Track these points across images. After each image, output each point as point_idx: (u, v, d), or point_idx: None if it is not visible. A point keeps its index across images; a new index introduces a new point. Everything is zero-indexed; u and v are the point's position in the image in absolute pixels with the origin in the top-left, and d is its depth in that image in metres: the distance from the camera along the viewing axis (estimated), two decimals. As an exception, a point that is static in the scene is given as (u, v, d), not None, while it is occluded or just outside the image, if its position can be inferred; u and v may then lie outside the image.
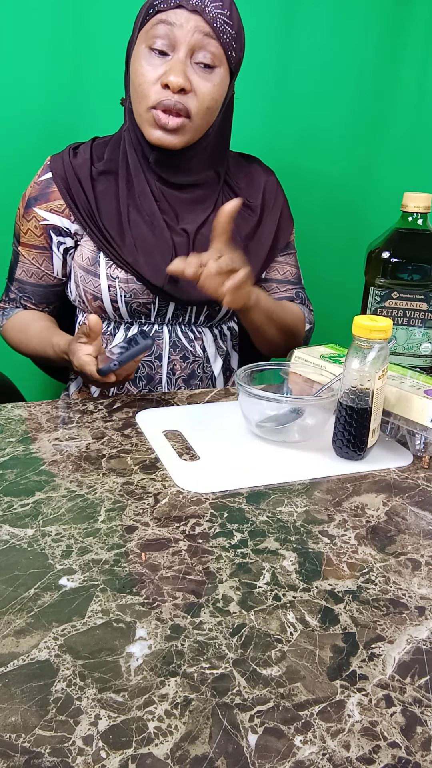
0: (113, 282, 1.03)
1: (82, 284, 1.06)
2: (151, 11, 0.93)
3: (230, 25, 0.94)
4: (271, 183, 1.13)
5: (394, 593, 0.55)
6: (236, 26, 0.95)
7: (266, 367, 0.88)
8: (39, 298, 1.12)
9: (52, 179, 1.05)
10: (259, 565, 0.57)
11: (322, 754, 0.40)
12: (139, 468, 0.73)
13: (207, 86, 0.95)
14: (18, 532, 0.60)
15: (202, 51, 0.93)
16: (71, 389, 1.17)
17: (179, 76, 0.92)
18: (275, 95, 1.40)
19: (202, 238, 1.03)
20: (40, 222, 1.06)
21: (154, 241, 1.01)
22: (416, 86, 1.48)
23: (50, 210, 1.06)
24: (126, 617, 0.50)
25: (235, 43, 0.96)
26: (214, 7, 0.92)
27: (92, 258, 1.04)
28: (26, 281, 1.11)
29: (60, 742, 0.40)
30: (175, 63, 0.92)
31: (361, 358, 0.72)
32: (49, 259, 1.09)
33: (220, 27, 0.93)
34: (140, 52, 0.95)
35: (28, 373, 1.35)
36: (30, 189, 1.08)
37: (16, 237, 1.11)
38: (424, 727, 0.42)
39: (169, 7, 0.91)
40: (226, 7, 0.94)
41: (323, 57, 1.41)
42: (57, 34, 1.28)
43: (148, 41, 0.94)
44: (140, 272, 1.00)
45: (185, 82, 0.92)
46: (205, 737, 0.40)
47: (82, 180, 1.03)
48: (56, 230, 1.06)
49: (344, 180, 1.52)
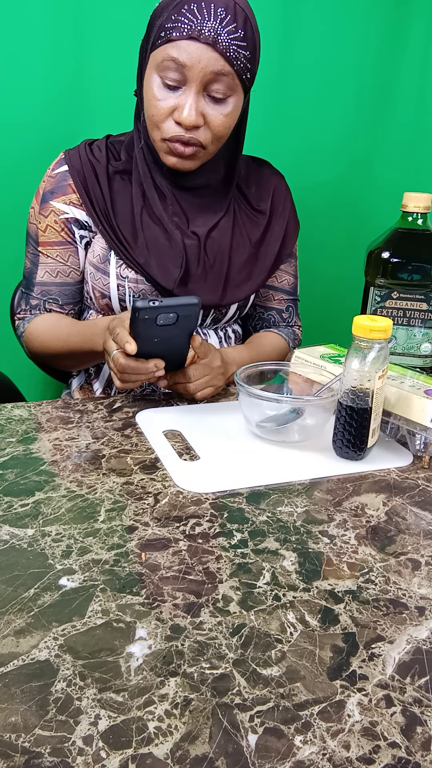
0: (122, 281, 1.02)
1: (91, 281, 1.05)
2: (162, 35, 0.89)
3: (244, 47, 0.90)
4: (281, 187, 1.12)
5: (394, 593, 0.55)
6: (251, 44, 0.91)
7: (266, 367, 0.88)
8: (66, 298, 1.08)
9: (68, 172, 1.03)
10: (259, 565, 0.57)
11: (322, 754, 0.40)
12: (139, 468, 0.73)
13: (219, 118, 0.93)
14: (18, 532, 0.60)
15: (215, 85, 0.91)
16: (73, 385, 1.16)
17: (191, 113, 0.90)
18: (275, 95, 1.40)
19: (213, 242, 1.03)
20: (59, 216, 1.04)
21: (165, 244, 1.01)
22: (416, 86, 1.48)
23: (69, 203, 1.03)
24: (126, 617, 0.50)
25: (250, 64, 0.92)
26: (227, 34, 0.87)
27: (103, 256, 1.03)
28: (50, 282, 1.07)
29: (60, 742, 0.40)
30: (187, 100, 0.90)
31: (361, 358, 0.72)
32: (74, 254, 1.06)
33: (233, 55, 0.89)
34: (152, 79, 0.92)
35: (28, 373, 1.36)
36: (44, 183, 1.05)
37: (33, 239, 1.07)
38: (424, 727, 0.42)
39: (181, 37, 0.87)
40: (240, 27, 0.89)
41: (323, 57, 1.41)
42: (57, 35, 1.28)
43: (159, 71, 0.90)
44: (150, 274, 1.00)
45: (197, 119, 0.91)
46: (205, 737, 0.40)
47: (99, 176, 1.02)
48: (77, 223, 1.04)
49: (344, 180, 1.52)
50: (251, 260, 1.07)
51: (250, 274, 1.07)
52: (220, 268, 1.03)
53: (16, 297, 1.26)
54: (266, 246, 1.09)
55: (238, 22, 0.89)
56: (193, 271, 1.01)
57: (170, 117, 0.92)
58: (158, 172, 1.01)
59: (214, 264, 1.03)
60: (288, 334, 1.17)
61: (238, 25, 0.89)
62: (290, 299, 1.17)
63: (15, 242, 1.23)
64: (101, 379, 1.11)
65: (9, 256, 1.33)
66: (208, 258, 1.02)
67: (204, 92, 0.91)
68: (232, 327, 1.15)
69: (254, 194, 1.10)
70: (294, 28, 1.39)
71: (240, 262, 1.05)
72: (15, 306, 1.26)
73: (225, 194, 1.06)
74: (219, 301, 1.04)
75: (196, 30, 0.87)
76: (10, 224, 1.33)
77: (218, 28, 0.87)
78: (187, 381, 0.89)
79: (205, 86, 0.91)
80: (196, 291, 1.01)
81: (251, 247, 1.07)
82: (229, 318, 1.10)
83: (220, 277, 1.03)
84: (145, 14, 0.94)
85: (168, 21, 0.88)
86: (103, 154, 1.03)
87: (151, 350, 0.83)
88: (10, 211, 1.33)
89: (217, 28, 0.87)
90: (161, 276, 1.00)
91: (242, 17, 0.89)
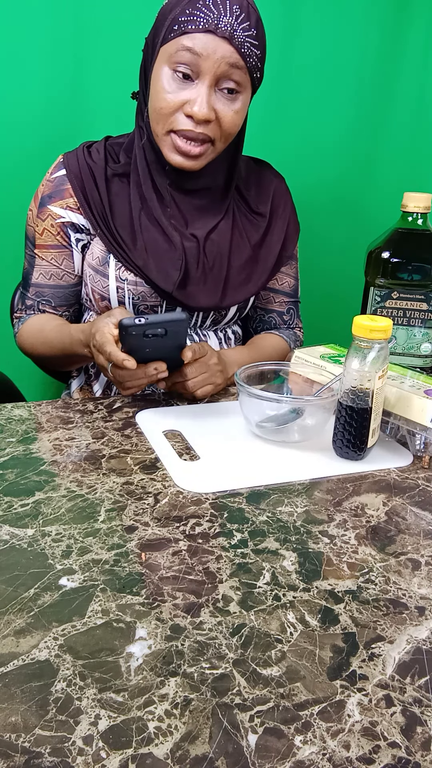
0: (122, 283, 1.02)
1: (90, 283, 1.06)
2: (176, 28, 0.89)
3: (256, 46, 0.91)
4: (281, 190, 1.12)
5: (394, 593, 0.55)
6: (261, 45, 0.92)
7: (266, 367, 0.88)
8: (59, 300, 1.09)
9: (66, 176, 1.03)
10: (259, 565, 0.57)
11: (322, 754, 0.40)
12: (139, 468, 0.73)
13: (230, 113, 0.93)
14: (18, 532, 0.60)
15: (227, 79, 0.91)
16: (73, 386, 1.16)
17: (204, 107, 0.90)
18: (275, 95, 1.40)
19: (212, 244, 1.03)
20: (56, 220, 1.04)
21: (165, 246, 1.00)
22: (416, 86, 1.48)
23: (66, 207, 1.04)
24: (126, 617, 0.50)
25: (260, 63, 0.93)
26: (242, 30, 0.88)
27: (102, 258, 1.03)
28: (44, 284, 1.08)
29: (60, 742, 0.40)
30: (200, 93, 0.90)
31: (361, 358, 0.72)
32: (69, 258, 1.06)
33: (247, 52, 0.90)
34: (161, 72, 0.91)
35: (28, 373, 1.36)
36: (42, 187, 1.06)
37: (31, 241, 1.08)
38: (424, 727, 0.42)
39: (198, 30, 0.87)
40: (253, 26, 0.90)
41: (323, 56, 1.41)
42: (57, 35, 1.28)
43: (171, 63, 0.90)
44: (149, 276, 1.00)
45: (210, 113, 0.91)
46: (205, 737, 0.40)
47: (97, 180, 1.02)
48: (74, 227, 1.04)
49: (344, 180, 1.52)
50: (251, 262, 1.07)
51: (250, 277, 1.07)
52: (219, 270, 1.03)
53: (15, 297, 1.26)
54: (266, 248, 1.09)
55: (252, 21, 0.90)
56: (192, 273, 1.01)
57: (179, 111, 0.92)
58: (158, 172, 1.01)
59: (214, 266, 1.02)
60: (289, 336, 1.17)
61: (251, 23, 0.90)
62: (291, 301, 1.17)
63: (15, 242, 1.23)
64: (101, 381, 1.11)
65: (9, 257, 1.33)
66: (207, 260, 1.02)
67: (216, 87, 0.91)
68: (231, 328, 1.15)
69: (254, 196, 1.10)
70: (294, 28, 1.39)
71: (239, 264, 1.05)
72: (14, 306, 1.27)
73: (224, 196, 1.06)
74: (218, 303, 1.03)
75: (213, 24, 0.87)
76: (10, 225, 1.33)
77: (234, 23, 0.88)
78: (184, 379, 0.89)
79: (218, 81, 0.91)
80: (196, 293, 1.01)
81: (251, 250, 1.07)
82: (229, 319, 1.10)
83: (220, 279, 1.03)
84: (146, 14, 0.94)
85: (182, 15, 0.89)
86: (102, 157, 1.03)
87: (146, 357, 0.83)
88: (9, 211, 1.33)
89: (233, 23, 0.88)
90: (160, 279, 1.00)
91: (255, 17, 0.90)
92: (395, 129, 1.50)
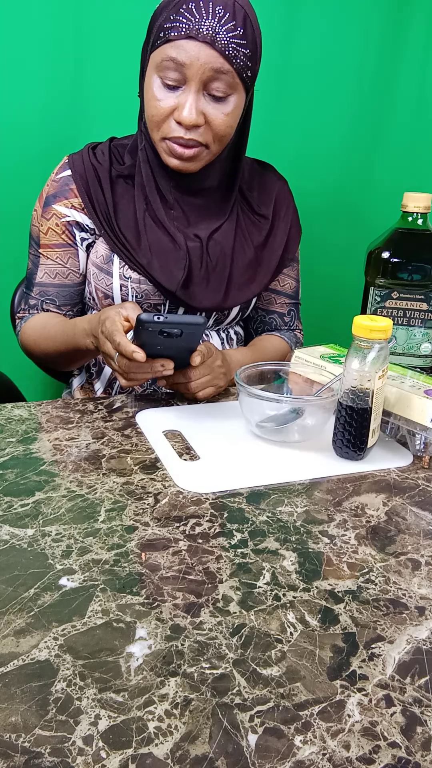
0: (125, 282, 1.02)
1: (94, 281, 1.06)
2: (162, 35, 0.89)
3: (243, 45, 0.89)
4: (284, 192, 1.12)
5: (394, 593, 0.55)
6: (251, 42, 0.90)
7: (266, 367, 0.88)
8: (63, 300, 1.08)
9: (71, 176, 1.04)
10: (259, 565, 0.57)
11: (322, 754, 0.40)
12: (139, 468, 0.73)
13: (221, 116, 0.93)
14: (18, 532, 0.60)
15: (215, 83, 0.90)
16: (74, 385, 1.16)
17: (191, 113, 0.90)
18: (275, 95, 1.40)
19: (215, 244, 1.03)
20: (61, 219, 1.04)
21: (169, 246, 1.01)
22: (416, 86, 1.48)
23: (71, 206, 1.04)
24: (126, 617, 0.50)
25: (250, 61, 0.92)
26: (226, 32, 0.87)
27: (106, 256, 1.04)
28: (49, 283, 1.07)
29: (60, 742, 0.40)
30: (187, 99, 0.90)
31: (361, 358, 0.72)
32: (74, 256, 1.06)
33: (233, 53, 0.88)
34: (152, 80, 0.92)
35: (28, 373, 1.36)
36: (47, 187, 1.06)
37: (35, 241, 1.08)
38: (424, 727, 0.42)
39: (179, 36, 0.87)
40: (239, 25, 0.88)
41: (324, 57, 1.41)
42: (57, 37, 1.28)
43: (158, 71, 0.90)
44: (153, 275, 1.00)
45: (198, 118, 0.91)
46: (205, 737, 0.40)
47: (102, 181, 1.02)
48: (79, 226, 1.05)
49: (344, 180, 1.52)
50: (254, 263, 1.07)
51: (253, 277, 1.07)
52: (223, 270, 1.03)
53: (16, 297, 1.26)
54: (269, 250, 1.09)
55: (237, 20, 0.88)
56: (195, 273, 1.01)
57: (170, 117, 0.92)
58: (161, 174, 1.01)
59: (217, 266, 1.03)
60: (290, 338, 1.17)
61: (237, 23, 0.88)
62: (292, 303, 1.18)
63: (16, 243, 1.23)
64: (102, 379, 1.11)
65: (10, 257, 1.33)
66: (210, 260, 1.02)
67: (204, 91, 0.91)
68: (234, 328, 1.15)
69: (257, 198, 1.10)
70: (294, 28, 1.39)
71: (242, 264, 1.06)
72: (15, 306, 1.27)
73: (227, 197, 1.06)
74: (221, 303, 1.04)
75: (194, 29, 0.87)
76: (11, 225, 1.33)
77: (216, 26, 0.87)
78: (187, 380, 0.89)
79: (205, 85, 0.90)
80: (199, 293, 1.01)
81: (253, 251, 1.07)
82: (231, 320, 1.10)
83: (223, 279, 1.03)
84: (146, 16, 0.94)
85: (167, 21, 0.88)
86: (107, 158, 1.04)
87: (155, 353, 0.83)
88: (11, 211, 1.33)
89: (216, 26, 0.87)
90: (164, 278, 1.00)
91: (241, 15, 0.89)
92: (395, 129, 1.50)
